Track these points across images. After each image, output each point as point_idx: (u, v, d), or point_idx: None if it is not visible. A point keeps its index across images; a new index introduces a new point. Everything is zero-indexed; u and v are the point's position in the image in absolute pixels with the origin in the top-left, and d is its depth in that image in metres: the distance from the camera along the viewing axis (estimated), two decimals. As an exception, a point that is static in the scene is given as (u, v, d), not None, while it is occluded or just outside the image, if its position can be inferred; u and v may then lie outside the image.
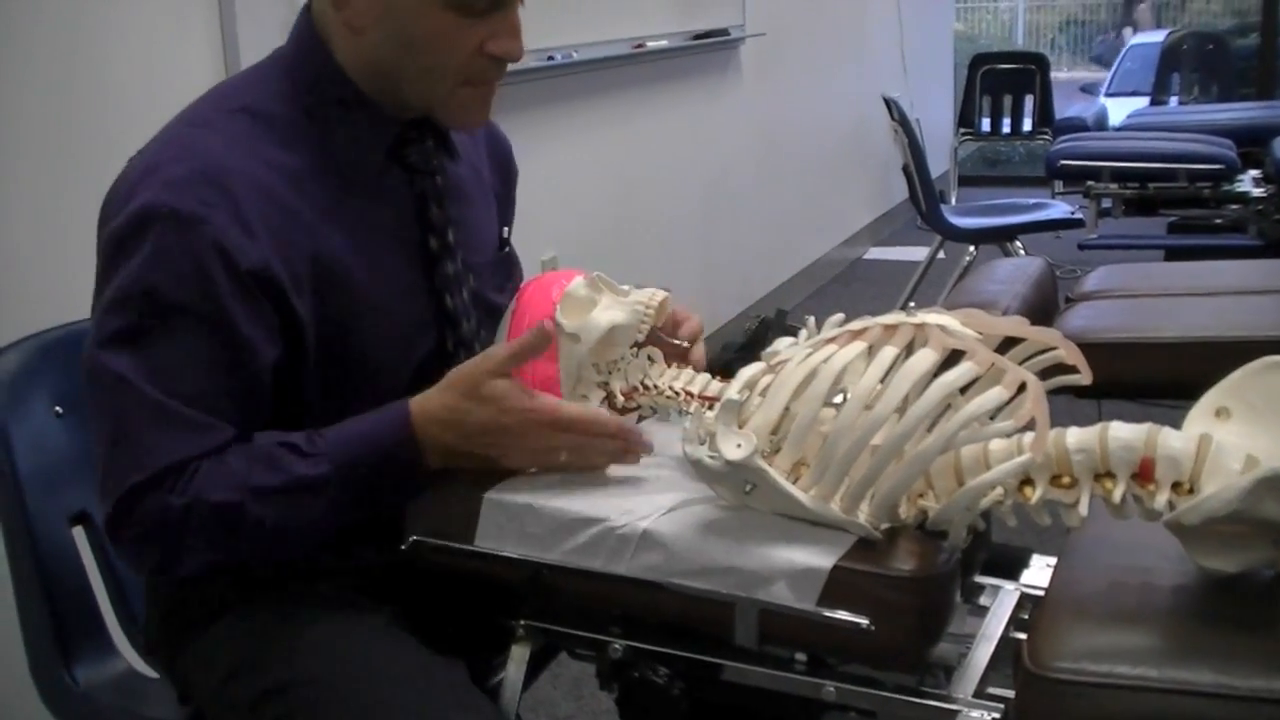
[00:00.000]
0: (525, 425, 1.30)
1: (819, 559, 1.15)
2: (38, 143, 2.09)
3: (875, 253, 6.90)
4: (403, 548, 1.31)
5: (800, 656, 1.22)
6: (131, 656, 1.57)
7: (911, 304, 1.16)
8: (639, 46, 4.02)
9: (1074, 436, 1.14)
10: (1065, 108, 8.06)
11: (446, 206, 1.45)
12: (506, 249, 1.62)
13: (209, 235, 1.24)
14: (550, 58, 3.47)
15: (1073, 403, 1.48)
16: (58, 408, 1.54)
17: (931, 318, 1.22)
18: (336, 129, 1.36)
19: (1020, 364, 1.20)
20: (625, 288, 1.42)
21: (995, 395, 1.14)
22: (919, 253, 5.42)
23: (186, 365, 1.26)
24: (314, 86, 1.36)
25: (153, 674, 1.56)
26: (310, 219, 1.32)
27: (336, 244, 1.34)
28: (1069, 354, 1.24)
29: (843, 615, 1.14)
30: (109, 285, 1.26)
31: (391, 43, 1.32)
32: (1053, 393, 1.20)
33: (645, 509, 1.23)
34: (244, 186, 1.28)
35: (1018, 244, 4.91)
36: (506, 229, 1.62)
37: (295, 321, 1.31)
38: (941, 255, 5.20)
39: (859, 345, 1.21)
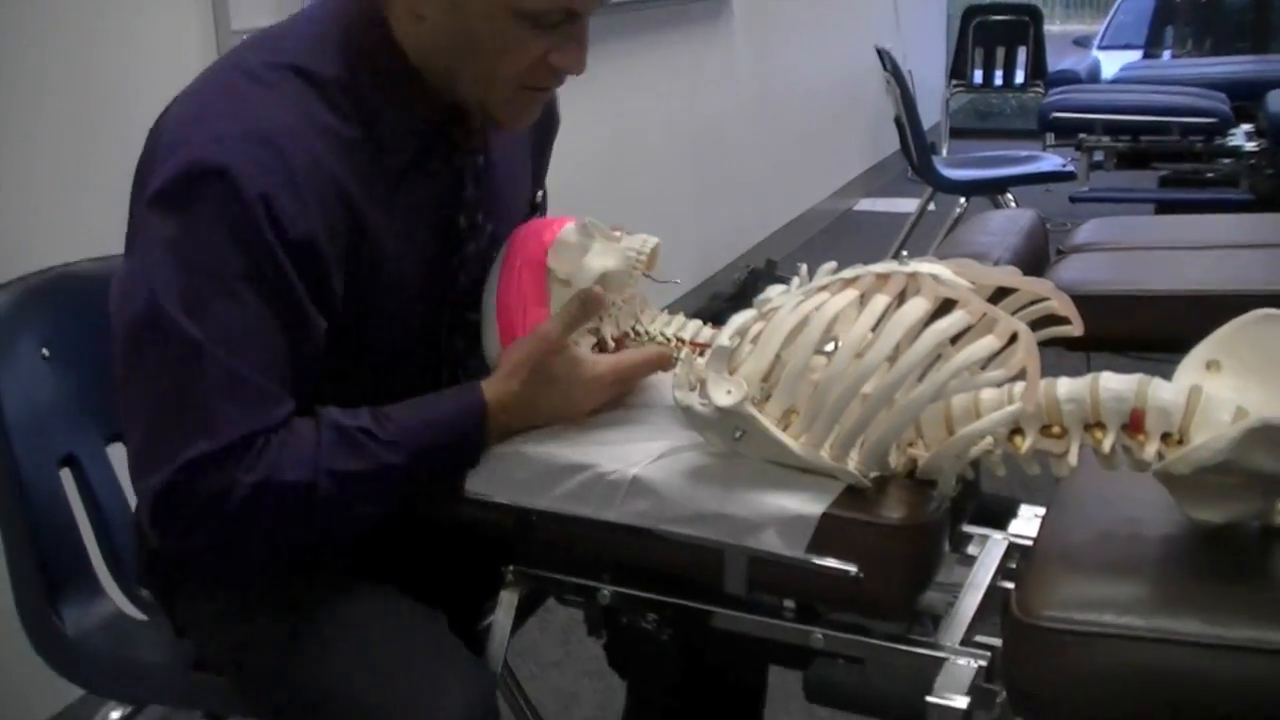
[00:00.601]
0: (594, 391, 1.32)
1: (808, 506, 1.15)
2: (19, 94, 2.07)
3: (866, 204, 6.89)
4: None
5: (789, 604, 1.22)
6: (119, 599, 1.57)
7: (904, 253, 1.15)
8: (631, -3, 3.99)
9: (1064, 386, 1.14)
10: (1058, 60, 8.03)
11: (484, 183, 1.42)
12: (537, 212, 1.58)
13: (262, 199, 1.18)
14: (541, 4, 3.44)
15: (1062, 355, 1.48)
16: (45, 350, 1.51)
17: (924, 267, 1.21)
18: (385, 100, 1.30)
19: (1012, 314, 1.20)
20: (617, 233, 1.42)
21: (986, 344, 1.14)
22: (910, 204, 5.41)
23: (255, 332, 1.20)
24: (367, 54, 1.30)
25: (141, 616, 1.57)
26: (354, 192, 1.27)
27: (373, 221, 1.29)
28: (1061, 305, 1.24)
29: (831, 563, 1.14)
30: (161, 240, 1.19)
31: (454, 39, 1.27)
32: (1043, 344, 1.20)
33: (635, 455, 1.23)
34: (296, 150, 1.22)
35: (1009, 196, 4.91)
36: (541, 191, 1.59)
37: (328, 298, 1.26)
38: (932, 207, 5.19)
39: (851, 293, 1.21)
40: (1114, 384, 1.13)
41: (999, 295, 1.24)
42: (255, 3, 2.37)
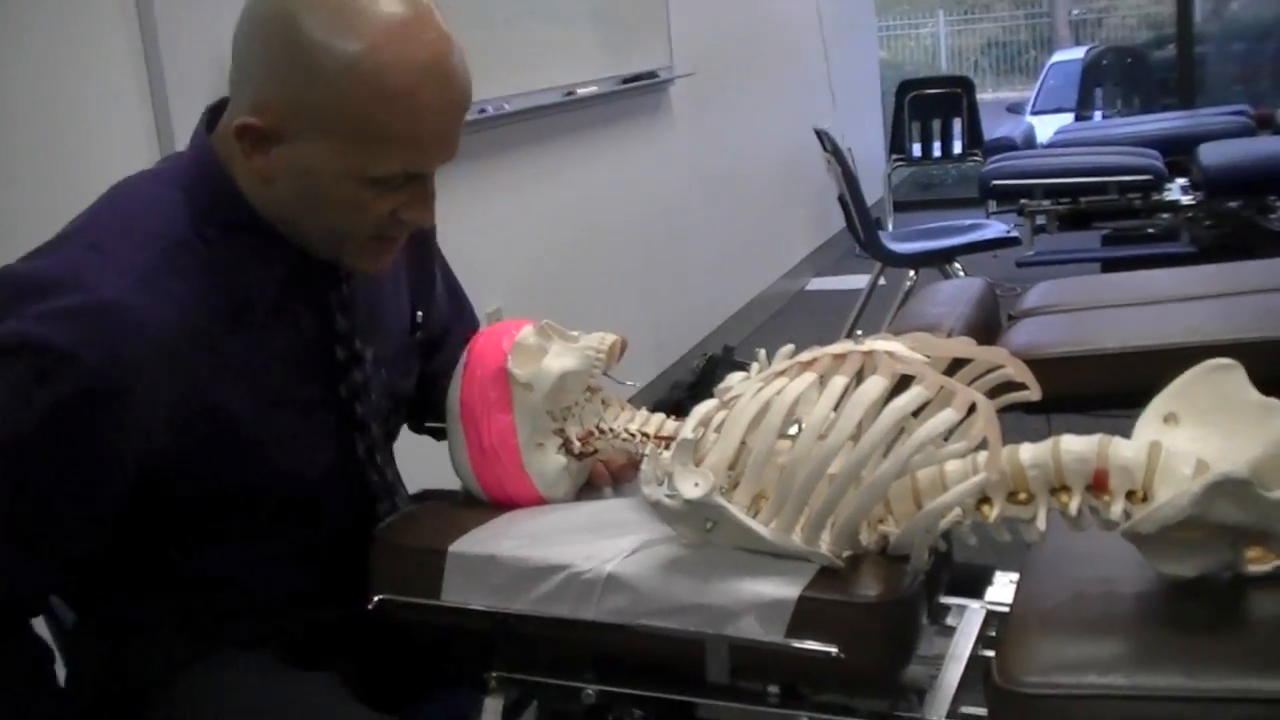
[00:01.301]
0: None
1: (784, 590, 1.15)
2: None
3: (817, 283, 6.94)
4: (369, 607, 1.31)
5: (773, 688, 1.22)
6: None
7: (859, 332, 1.16)
8: (570, 94, 4.04)
9: (1028, 452, 1.16)
10: (993, 127, 8.16)
11: (354, 309, 1.39)
12: (418, 333, 1.53)
13: (79, 380, 1.15)
14: (482, 110, 3.47)
15: (1022, 418, 1.49)
16: None
17: (879, 344, 1.23)
18: (235, 255, 1.28)
19: (969, 384, 1.21)
20: (574, 333, 1.43)
21: (946, 417, 1.15)
22: (860, 280, 5.45)
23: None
24: (212, 211, 1.28)
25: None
26: (202, 361, 1.24)
27: (227, 387, 1.27)
28: (1017, 371, 1.25)
29: (811, 645, 1.15)
30: None
31: (304, 201, 1.27)
32: (1004, 410, 1.22)
33: (608, 552, 1.23)
34: (134, 333, 1.18)
35: (957, 265, 4.96)
36: (420, 312, 1.54)
37: (164, 480, 1.25)
38: (883, 281, 5.23)
39: (810, 376, 1.22)
40: (1075, 446, 1.15)
41: (955, 366, 1.26)
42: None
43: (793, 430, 1.23)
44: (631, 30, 4.55)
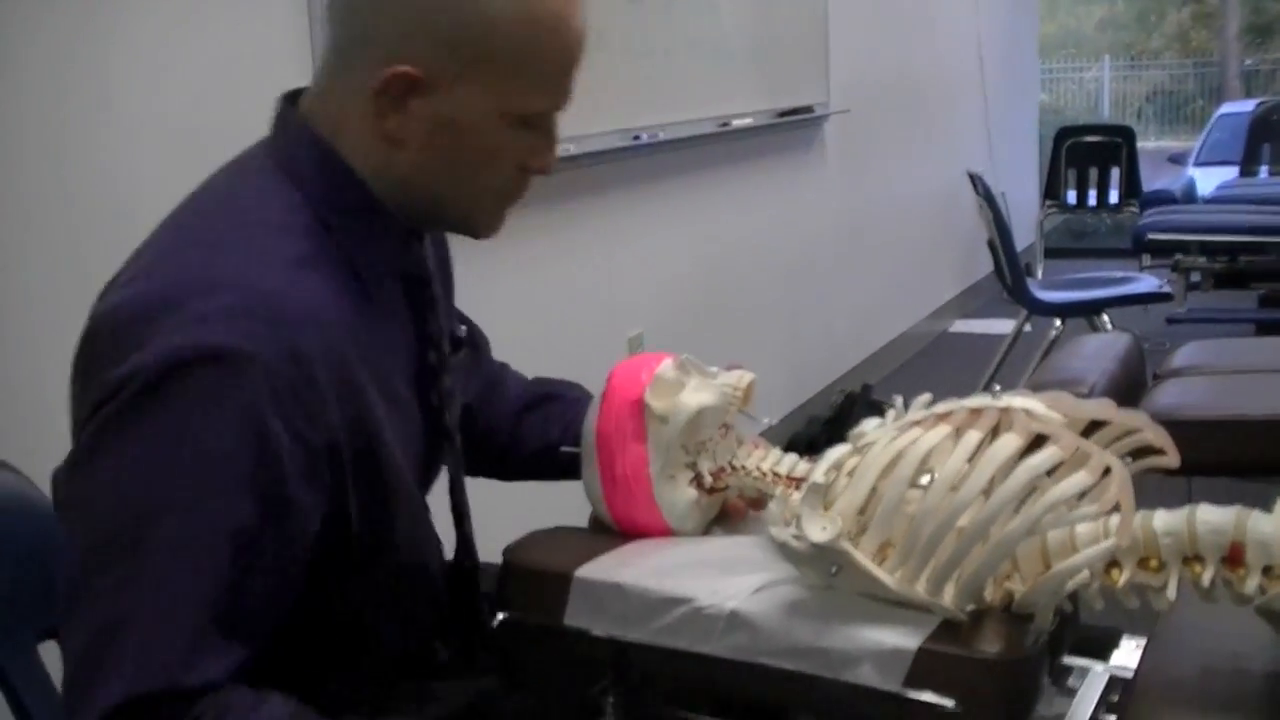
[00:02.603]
0: None
1: (904, 640, 1.15)
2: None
3: (961, 325, 6.88)
4: (493, 626, 1.34)
5: (887, 738, 1.22)
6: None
7: (996, 386, 1.16)
8: (724, 125, 4.07)
9: (1161, 520, 1.14)
10: (1153, 178, 8.02)
11: (437, 314, 1.36)
12: (461, 351, 1.46)
13: (266, 381, 1.08)
14: (636, 137, 3.52)
15: (1162, 480, 1.48)
16: None
17: (1017, 401, 1.23)
18: (354, 242, 1.23)
19: (1106, 447, 1.20)
20: (713, 369, 1.45)
21: (1079, 480, 1.14)
22: (1005, 325, 5.40)
23: (225, 559, 1.07)
24: (324, 192, 1.22)
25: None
26: (350, 355, 1.18)
27: (367, 384, 1.21)
28: (1156, 437, 1.24)
29: (928, 697, 1.14)
30: (134, 439, 1.07)
31: (437, 158, 1.23)
32: (1143, 472, 1.21)
33: (732, 589, 1.24)
34: (299, 318, 1.12)
35: (1105, 318, 4.89)
36: (463, 326, 1.49)
37: (342, 489, 1.18)
38: (1028, 329, 5.18)
39: (945, 428, 1.22)
40: (1212, 517, 1.13)
41: (1094, 428, 1.25)
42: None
43: (924, 481, 1.23)
44: (789, 65, 4.57)
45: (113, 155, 2.10)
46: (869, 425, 1.32)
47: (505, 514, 1.59)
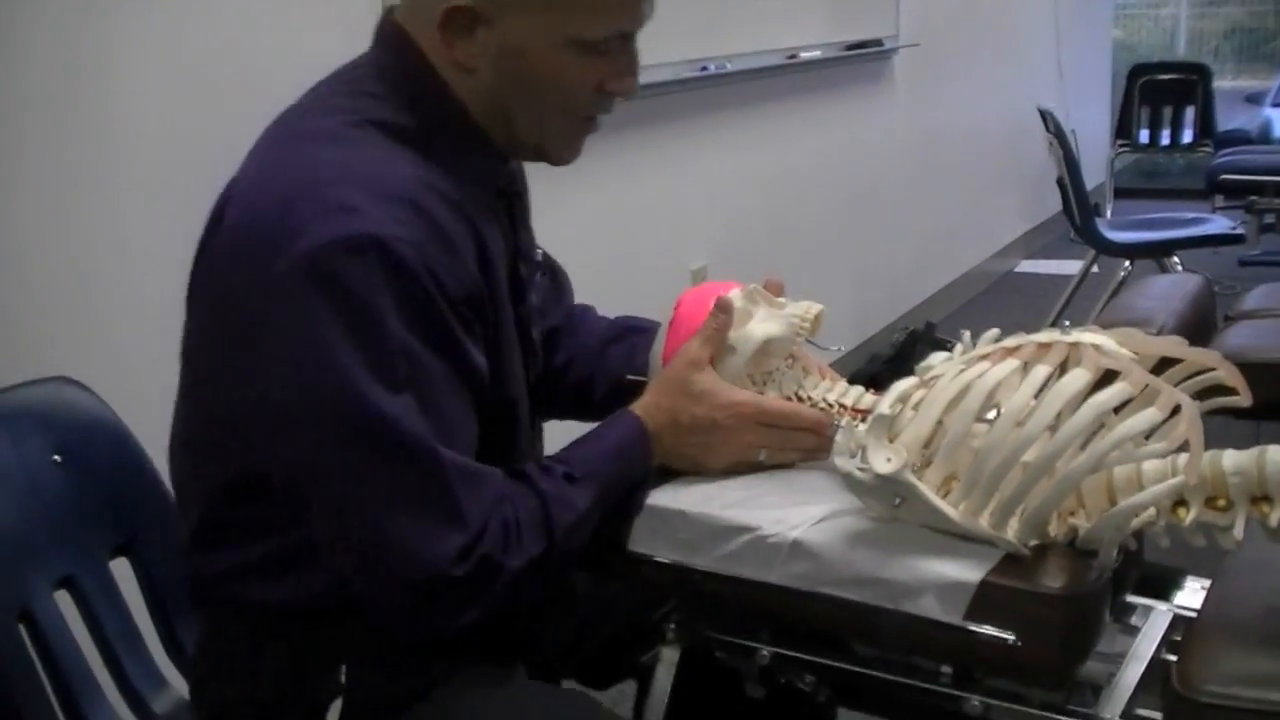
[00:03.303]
0: (734, 419, 1.34)
1: (967, 573, 1.16)
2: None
3: (1027, 265, 6.80)
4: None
5: (946, 669, 1.23)
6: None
7: (1066, 322, 1.15)
8: (792, 57, 4.03)
9: (1230, 459, 1.14)
10: (1229, 118, 7.85)
11: (529, 229, 1.41)
12: (543, 272, 1.53)
13: (423, 261, 1.15)
14: (704, 68, 3.50)
15: (1230, 423, 1.46)
16: (56, 456, 1.46)
17: (1086, 336, 1.22)
18: (457, 151, 1.27)
19: (1177, 384, 1.19)
20: (781, 300, 1.45)
21: (1148, 416, 1.14)
22: (1073, 266, 5.33)
23: (456, 409, 1.19)
24: (426, 105, 1.26)
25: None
26: (484, 234, 1.25)
27: (493, 259, 1.28)
28: (1228, 375, 1.22)
29: (989, 630, 1.15)
30: (325, 322, 1.12)
31: (509, 84, 1.25)
32: (1211, 413, 1.20)
33: (795, 519, 1.25)
34: (431, 204, 1.18)
35: (1175, 259, 4.81)
36: (541, 251, 1.52)
37: (485, 351, 1.25)
38: (1096, 269, 5.11)
39: (1013, 362, 1.22)
40: (1281, 457, 1.12)
41: (1164, 365, 1.24)
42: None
43: (991, 415, 1.22)
44: (859, -3, 4.51)
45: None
46: (936, 359, 1.32)
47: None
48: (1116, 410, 1.17)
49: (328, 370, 1.13)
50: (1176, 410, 1.15)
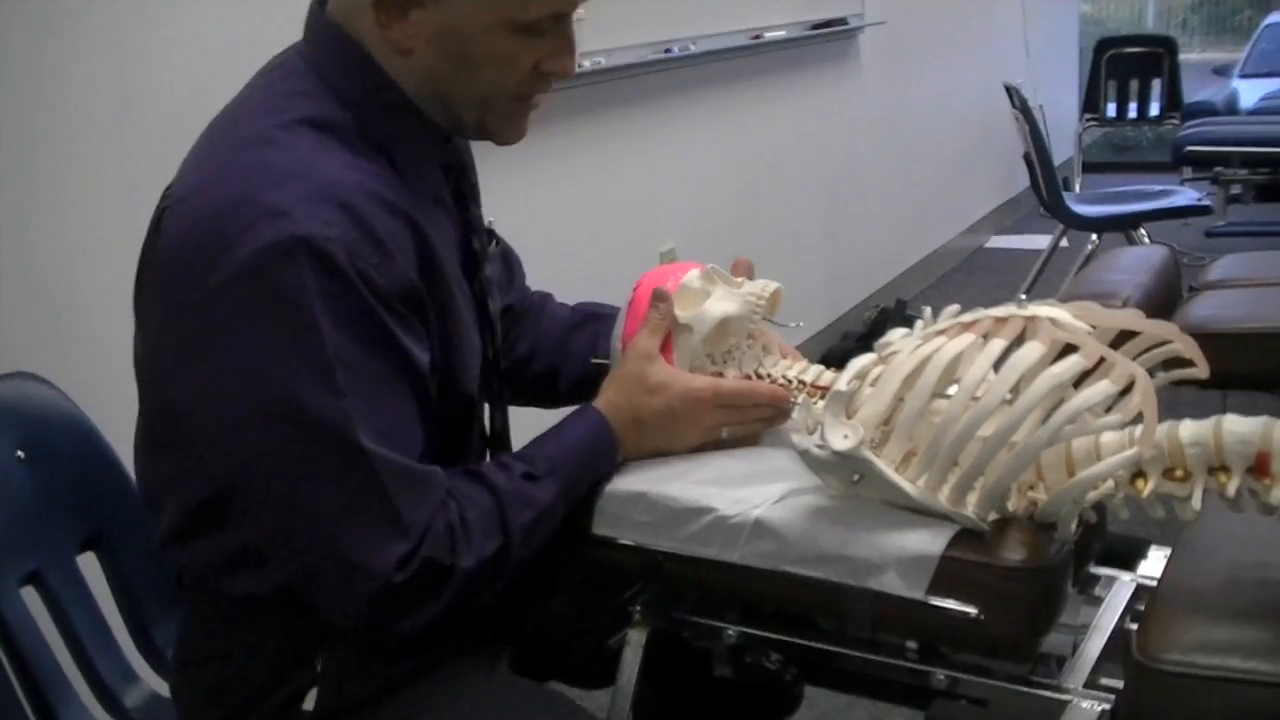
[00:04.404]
0: (692, 405, 1.35)
1: (928, 547, 1.16)
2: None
3: (998, 241, 6.83)
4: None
5: (911, 644, 1.23)
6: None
7: (1023, 296, 1.15)
8: (757, 37, 4.03)
9: (1188, 430, 1.14)
10: (1196, 89, 7.88)
11: (478, 203, 1.40)
12: (497, 242, 1.51)
13: (351, 260, 1.13)
14: (668, 50, 3.49)
15: (1197, 394, 1.47)
16: (19, 452, 1.45)
17: (1043, 310, 1.22)
18: (396, 136, 1.26)
19: (1136, 357, 1.20)
20: (739, 280, 1.45)
21: (1102, 389, 1.14)
22: (1042, 241, 5.36)
23: (395, 408, 1.18)
24: (360, 93, 1.25)
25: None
26: (419, 221, 1.23)
27: (436, 251, 1.26)
28: (1185, 348, 1.23)
29: (952, 604, 1.15)
30: (259, 327, 1.12)
31: (447, 65, 1.24)
32: (1178, 384, 1.20)
33: (756, 498, 1.25)
34: (360, 200, 1.17)
35: (1142, 232, 4.83)
36: (490, 220, 1.49)
37: (427, 344, 1.24)
38: (1065, 244, 5.13)
39: (969, 337, 1.22)
40: (1239, 427, 1.12)
41: (1124, 338, 1.24)
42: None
43: (950, 390, 1.23)
44: (824, -25, 4.51)
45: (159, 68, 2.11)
46: (894, 335, 1.32)
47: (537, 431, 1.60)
48: (1076, 385, 1.17)
49: (266, 379, 1.13)
50: (1132, 383, 1.15)
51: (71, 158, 2.01)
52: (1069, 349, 1.18)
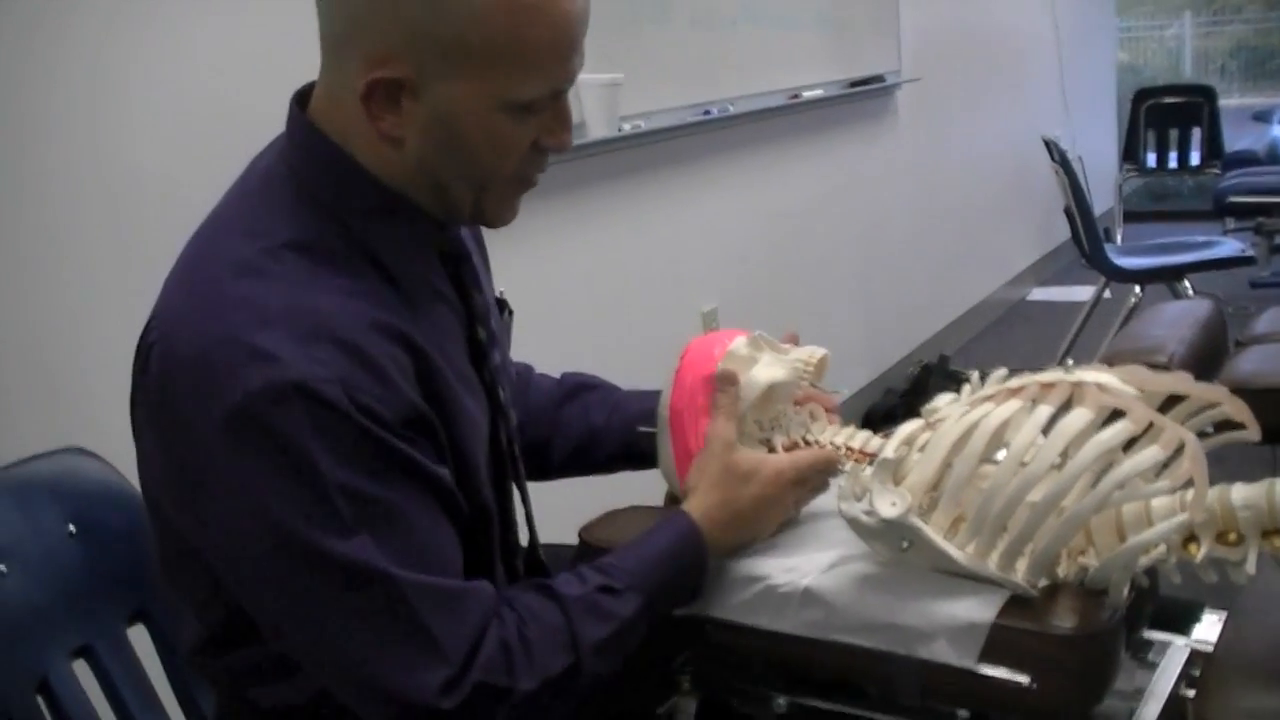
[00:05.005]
0: (780, 487, 1.33)
1: (979, 614, 1.15)
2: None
3: (1039, 293, 6.80)
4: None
5: (962, 713, 1.22)
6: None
7: (1069, 361, 1.15)
8: (795, 97, 4.05)
9: (1240, 493, 1.13)
10: (1237, 137, 7.84)
11: (481, 289, 1.36)
12: (506, 313, 1.46)
13: (348, 397, 1.09)
14: (706, 111, 3.51)
15: (1246, 449, 1.46)
16: (71, 527, 1.46)
17: (1090, 375, 1.22)
18: (381, 241, 1.21)
19: (1185, 420, 1.19)
20: (786, 346, 1.45)
21: (1151, 454, 1.13)
22: (1084, 292, 5.32)
23: (430, 533, 1.15)
24: (342, 200, 1.20)
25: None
26: (414, 337, 1.19)
27: (436, 364, 1.21)
28: (1235, 411, 1.22)
29: (1003, 673, 1.14)
30: (259, 473, 1.09)
31: (441, 152, 1.19)
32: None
33: (806, 566, 1.25)
34: (351, 330, 1.13)
35: (1186, 283, 4.80)
36: (501, 289, 1.47)
37: (445, 460, 1.21)
38: (1108, 295, 5.10)
39: (1016, 403, 1.22)
40: (1291, 490, 1.12)
41: (1173, 401, 1.24)
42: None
43: (998, 456, 1.22)
44: (859, 33, 4.53)
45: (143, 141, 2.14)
46: (941, 400, 1.32)
47: (581, 494, 1.60)
48: (1125, 449, 1.17)
49: (271, 521, 1.10)
50: (1181, 448, 1.15)
51: (119, 229, 2.03)
52: (1116, 414, 1.17)
